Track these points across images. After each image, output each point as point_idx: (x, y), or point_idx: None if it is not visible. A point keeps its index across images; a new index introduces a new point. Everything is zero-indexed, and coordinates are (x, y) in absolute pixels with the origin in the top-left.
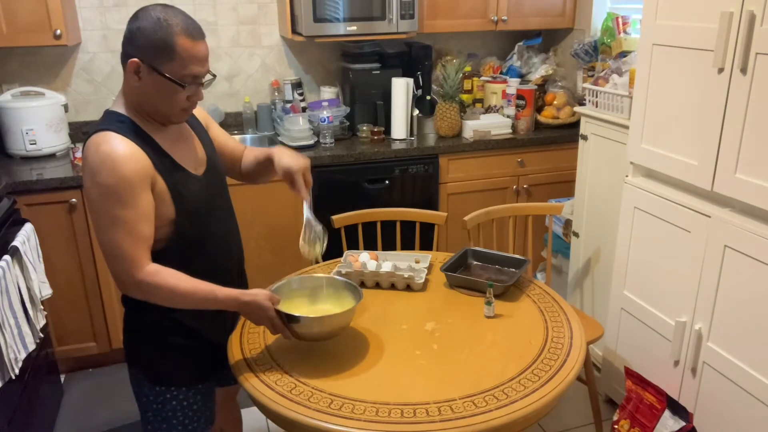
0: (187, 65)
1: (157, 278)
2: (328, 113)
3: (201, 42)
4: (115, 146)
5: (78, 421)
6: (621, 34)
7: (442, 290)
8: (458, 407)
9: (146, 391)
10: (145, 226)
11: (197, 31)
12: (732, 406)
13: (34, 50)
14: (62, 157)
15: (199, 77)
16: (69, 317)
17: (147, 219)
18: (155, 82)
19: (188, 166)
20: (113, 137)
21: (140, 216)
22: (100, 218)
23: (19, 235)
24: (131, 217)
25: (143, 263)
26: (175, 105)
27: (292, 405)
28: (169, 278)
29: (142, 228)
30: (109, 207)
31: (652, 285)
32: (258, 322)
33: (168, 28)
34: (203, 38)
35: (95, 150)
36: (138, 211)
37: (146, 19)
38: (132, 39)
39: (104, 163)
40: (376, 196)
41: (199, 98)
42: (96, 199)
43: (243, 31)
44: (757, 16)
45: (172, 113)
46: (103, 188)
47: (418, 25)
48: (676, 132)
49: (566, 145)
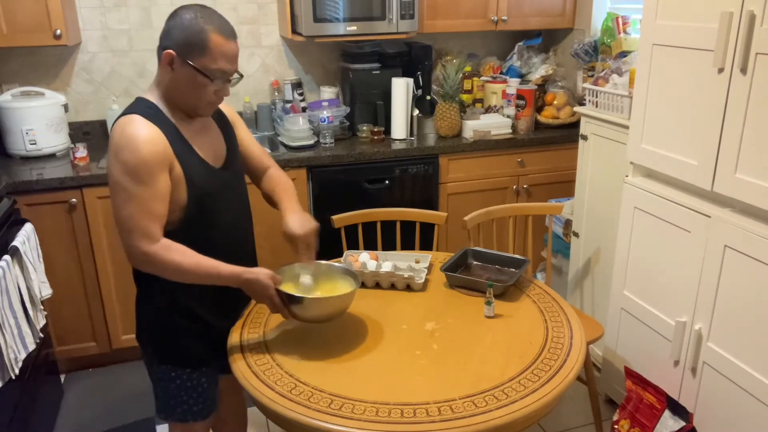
0: (217, 60)
1: (167, 253)
2: (328, 113)
3: (233, 41)
4: (139, 129)
5: (78, 421)
6: (621, 34)
7: (442, 290)
8: (458, 407)
9: (155, 368)
10: (159, 204)
11: (230, 31)
12: (732, 406)
13: (34, 50)
14: (62, 157)
15: (228, 73)
16: (69, 317)
17: (162, 199)
18: (186, 74)
19: (207, 157)
20: (138, 121)
21: (155, 195)
22: (119, 194)
23: (19, 235)
24: (147, 195)
25: (155, 237)
26: (203, 97)
27: (292, 405)
28: (176, 253)
29: (156, 206)
30: (127, 183)
31: (652, 285)
32: (259, 299)
33: (203, 24)
34: (235, 38)
35: (121, 131)
36: (154, 190)
37: (184, 16)
38: (169, 33)
39: (128, 143)
40: (376, 196)
41: (225, 94)
42: (116, 175)
43: (243, 31)
44: (757, 16)
45: (199, 105)
46: (124, 166)
47: (418, 25)
48: (676, 132)
49: (566, 145)
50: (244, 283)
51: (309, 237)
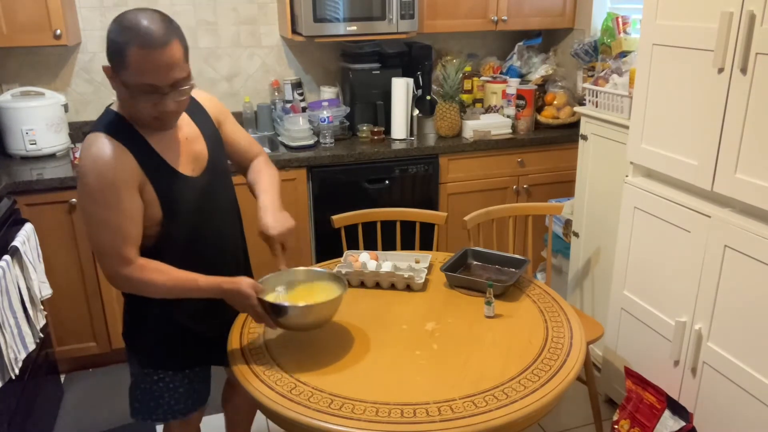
0: (142, 74)
1: (143, 274)
2: (328, 113)
3: (158, 50)
4: (103, 150)
5: (78, 421)
6: (621, 34)
7: (442, 290)
8: (458, 407)
9: (136, 370)
10: (131, 226)
11: (157, 41)
12: (732, 406)
13: (34, 50)
14: (62, 157)
15: (159, 87)
16: (69, 317)
17: (132, 220)
18: (121, 89)
19: (183, 167)
20: (102, 140)
21: (126, 217)
22: (90, 219)
23: (19, 235)
24: (117, 219)
25: (130, 260)
26: (145, 111)
27: (292, 405)
28: (153, 272)
29: (128, 228)
30: (96, 209)
31: (652, 285)
32: (241, 309)
33: (125, 36)
34: (163, 46)
35: (86, 152)
36: (123, 213)
37: (110, 27)
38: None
39: (92, 167)
40: (376, 196)
41: (165, 108)
42: (84, 201)
43: (243, 31)
44: (757, 16)
45: (145, 120)
46: (90, 191)
47: (418, 25)
48: (676, 132)
49: (566, 145)
50: (225, 294)
51: (284, 237)
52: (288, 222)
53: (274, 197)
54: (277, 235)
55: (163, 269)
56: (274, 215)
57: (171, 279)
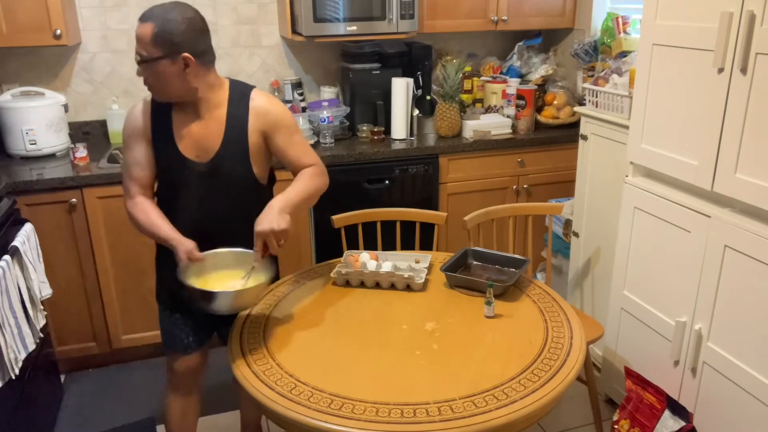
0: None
1: (133, 208)
2: (328, 113)
3: (138, 24)
4: (134, 108)
5: (78, 421)
6: (621, 34)
7: (442, 290)
8: (458, 407)
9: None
10: (136, 168)
11: (143, 16)
12: (732, 406)
13: (34, 50)
14: (62, 157)
15: (137, 55)
16: (69, 317)
17: (137, 163)
18: None
19: (186, 146)
20: (141, 102)
21: (134, 160)
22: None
23: (19, 235)
24: (128, 159)
25: (131, 195)
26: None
27: (292, 405)
28: (139, 211)
29: (134, 169)
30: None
31: (652, 285)
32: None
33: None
34: (141, 21)
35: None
36: (132, 156)
37: None
38: None
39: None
40: (376, 196)
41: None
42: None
43: (243, 31)
44: (757, 16)
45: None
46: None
47: (418, 25)
48: (676, 132)
49: (566, 145)
50: (171, 248)
51: (265, 235)
52: (276, 223)
53: (287, 199)
54: (259, 231)
55: (148, 211)
56: (271, 213)
57: (147, 220)
